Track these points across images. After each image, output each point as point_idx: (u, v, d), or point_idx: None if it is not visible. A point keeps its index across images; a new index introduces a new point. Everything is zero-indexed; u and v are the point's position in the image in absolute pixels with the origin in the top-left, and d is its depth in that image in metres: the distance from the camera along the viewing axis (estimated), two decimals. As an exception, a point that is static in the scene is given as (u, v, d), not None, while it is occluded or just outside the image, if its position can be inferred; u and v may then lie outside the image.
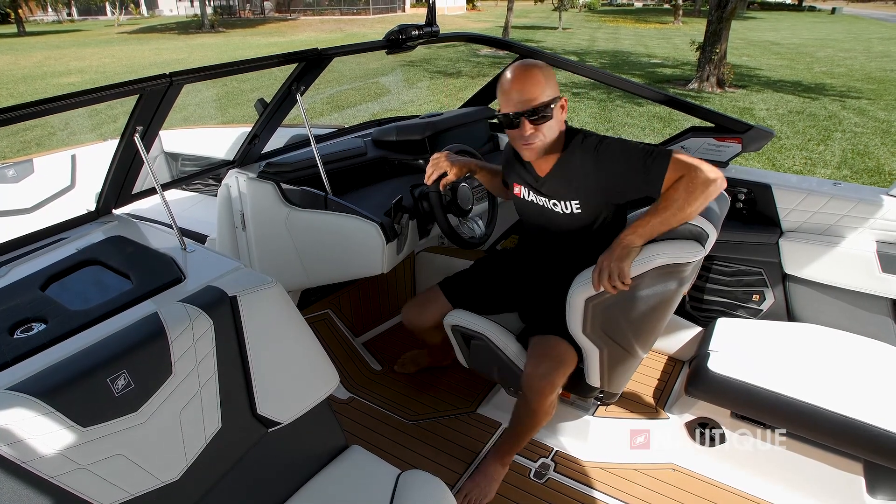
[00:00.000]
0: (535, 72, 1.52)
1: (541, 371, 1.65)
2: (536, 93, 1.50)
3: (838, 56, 16.88)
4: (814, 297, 2.08)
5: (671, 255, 1.45)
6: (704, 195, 1.42)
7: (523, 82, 1.51)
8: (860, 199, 1.94)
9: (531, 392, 1.67)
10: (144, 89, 1.38)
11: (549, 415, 1.73)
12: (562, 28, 25.04)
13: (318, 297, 2.53)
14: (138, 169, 1.63)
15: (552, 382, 1.65)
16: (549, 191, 1.67)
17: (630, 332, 1.60)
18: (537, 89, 1.50)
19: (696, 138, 2.23)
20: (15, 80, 13.64)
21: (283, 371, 1.32)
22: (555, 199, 1.67)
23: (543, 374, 1.65)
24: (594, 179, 1.57)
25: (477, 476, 1.82)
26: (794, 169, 6.49)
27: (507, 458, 1.84)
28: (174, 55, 18.06)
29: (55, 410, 0.97)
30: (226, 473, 1.22)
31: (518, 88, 1.51)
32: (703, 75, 11.10)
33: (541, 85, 1.50)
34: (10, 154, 7.58)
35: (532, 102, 1.50)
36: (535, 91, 1.50)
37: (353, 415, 2.14)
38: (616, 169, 1.54)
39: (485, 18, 33.28)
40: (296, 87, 1.88)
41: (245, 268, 1.39)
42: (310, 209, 1.97)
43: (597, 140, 1.58)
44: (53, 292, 1.28)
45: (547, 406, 1.69)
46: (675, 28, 26.64)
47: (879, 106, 9.90)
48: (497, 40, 2.60)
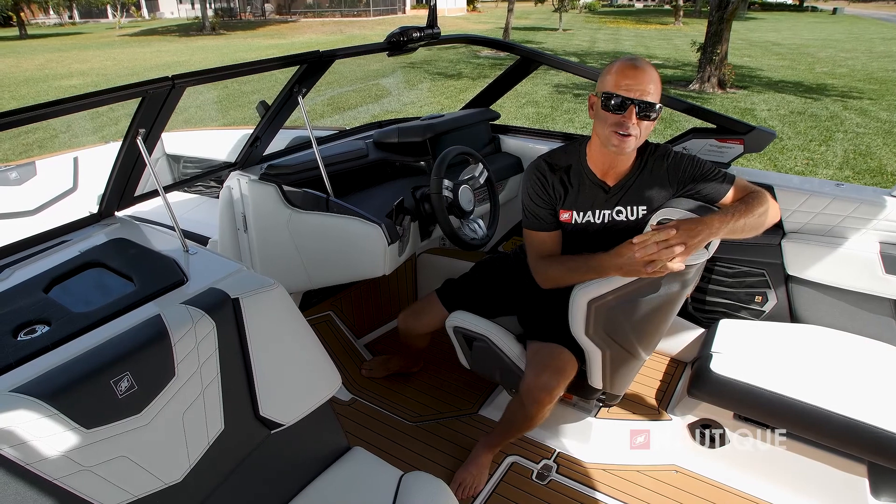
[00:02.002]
0: (654, 72, 1.45)
1: (541, 381, 1.65)
2: (652, 89, 1.43)
3: (840, 56, 16.87)
4: (816, 299, 2.07)
5: None
6: (769, 217, 1.51)
7: (645, 73, 1.43)
8: (862, 200, 1.93)
9: (529, 400, 1.67)
10: (147, 92, 1.39)
11: (545, 417, 1.74)
12: (562, 29, 25.05)
13: (320, 299, 2.53)
14: (140, 171, 1.63)
15: (552, 393, 1.65)
16: (619, 200, 1.60)
17: (633, 334, 1.60)
18: (654, 87, 1.43)
19: (697, 139, 2.23)
20: (17, 83, 13.67)
21: (286, 373, 1.32)
22: (622, 206, 1.61)
23: (544, 384, 1.64)
24: (666, 185, 1.60)
25: (469, 466, 1.85)
26: (796, 170, 6.49)
27: (496, 448, 1.89)
28: (175, 57, 18.10)
29: (59, 412, 0.97)
30: (228, 475, 1.22)
31: (638, 76, 1.42)
32: (703, 76, 11.10)
33: (656, 84, 1.44)
34: (12, 156, 7.60)
35: (646, 95, 1.42)
36: (652, 87, 1.43)
37: (354, 416, 2.14)
38: (694, 174, 1.58)
39: (485, 20, 33.31)
40: (297, 90, 1.89)
41: (247, 270, 1.39)
42: (311, 211, 1.97)
43: (665, 149, 1.62)
44: (56, 294, 1.29)
45: (544, 412, 1.71)
46: (675, 29, 26.66)
47: (881, 106, 9.89)
48: (498, 42, 2.60)
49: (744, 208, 1.47)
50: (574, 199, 1.62)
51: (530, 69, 2.59)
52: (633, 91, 1.42)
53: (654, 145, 1.63)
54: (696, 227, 1.40)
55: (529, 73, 2.63)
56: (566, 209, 1.63)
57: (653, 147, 1.62)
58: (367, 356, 2.49)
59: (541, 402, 1.65)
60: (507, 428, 1.82)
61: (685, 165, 1.59)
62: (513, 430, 1.81)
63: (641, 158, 1.60)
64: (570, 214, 1.63)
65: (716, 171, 1.59)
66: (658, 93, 1.45)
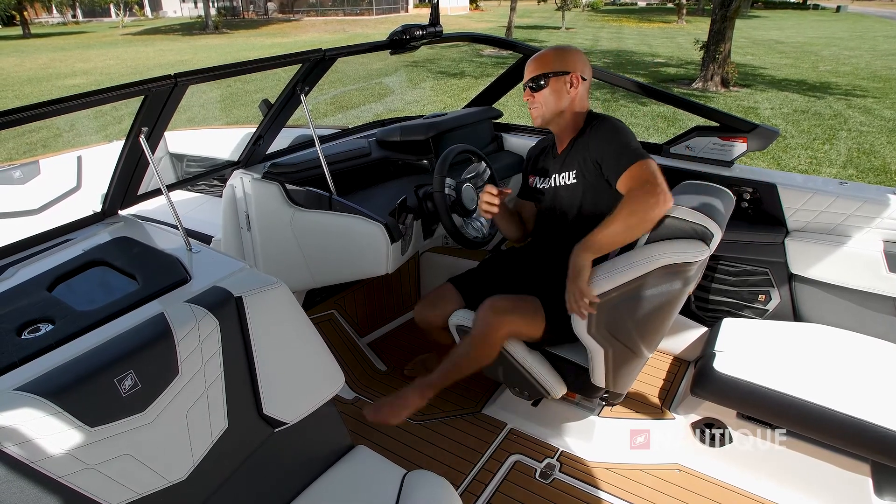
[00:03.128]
0: (549, 52, 1.80)
1: (499, 305, 1.71)
2: (537, 68, 1.77)
3: (843, 54, 16.81)
4: (820, 297, 2.07)
5: (676, 255, 1.45)
6: (643, 220, 1.50)
7: (531, 63, 1.80)
8: (866, 199, 1.93)
9: (480, 322, 1.71)
10: (150, 90, 1.39)
11: (487, 358, 1.74)
12: (565, 28, 25.01)
13: (323, 298, 2.54)
14: (144, 170, 1.63)
15: (505, 320, 1.69)
16: (558, 168, 1.84)
17: (635, 332, 1.60)
18: (540, 65, 1.77)
19: (700, 137, 2.22)
20: (21, 82, 13.71)
21: (289, 371, 1.32)
22: (558, 173, 1.84)
23: (502, 308, 1.70)
24: (590, 152, 1.73)
25: (395, 398, 1.83)
26: (800, 168, 6.47)
27: (429, 391, 1.82)
28: (178, 56, 18.13)
29: (63, 410, 0.97)
30: (232, 473, 1.22)
31: (527, 66, 1.80)
32: (707, 74, 11.07)
33: (546, 61, 1.77)
34: (16, 155, 7.62)
35: (531, 74, 1.78)
36: (537, 66, 1.78)
37: (358, 415, 2.14)
38: (602, 145, 1.69)
39: (488, 18, 33.28)
40: (300, 88, 1.89)
41: (250, 268, 1.39)
42: (314, 210, 1.97)
43: (604, 118, 1.76)
44: (60, 293, 1.29)
45: (488, 342, 1.71)
46: (678, 27, 26.58)
47: (885, 104, 9.86)
48: (500, 40, 2.60)
49: (610, 218, 1.52)
50: (536, 167, 1.99)
51: (533, 68, 2.59)
52: (527, 75, 1.80)
53: (600, 117, 1.78)
54: (569, 274, 1.53)
55: (532, 71, 2.63)
56: (532, 175, 1.99)
57: (599, 120, 1.77)
58: (370, 355, 2.49)
59: (490, 324, 1.69)
60: (446, 364, 1.80)
61: (603, 133, 1.70)
62: (451, 366, 1.80)
63: (584, 129, 1.79)
64: (533, 180, 1.98)
65: (624, 148, 1.63)
66: (555, 64, 1.76)
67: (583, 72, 1.78)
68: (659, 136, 7.66)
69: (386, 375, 2.40)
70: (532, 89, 1.78)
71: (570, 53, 1.78)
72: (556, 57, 1.77)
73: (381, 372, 2.42)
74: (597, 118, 1.78)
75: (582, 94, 1.79)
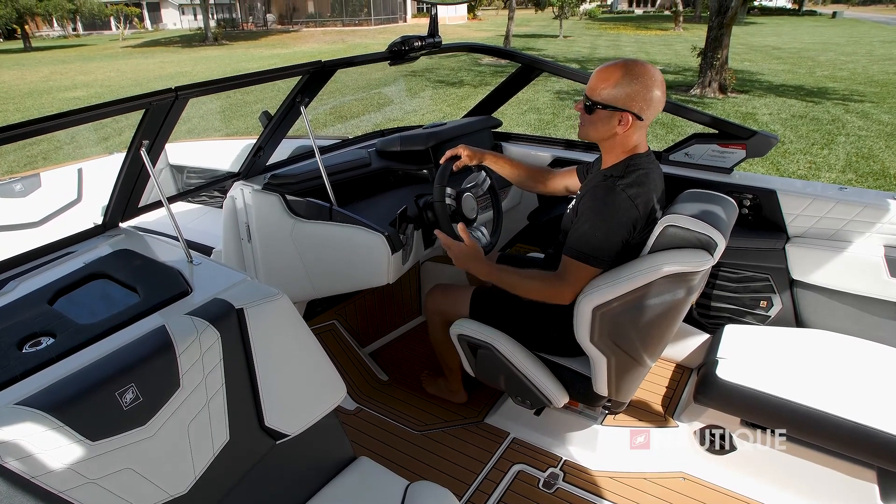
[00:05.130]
0: (614, 73, 1.52)
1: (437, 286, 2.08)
2: (592, 88, 1.55)
3: (840, 60, 16.89)
4: (822, 303, 2.06)
5: (679, 264, 1.44)
6: (538, 297, 1.65)
7: (598, 72, 1.56)
8: (866, 204, 1.93)
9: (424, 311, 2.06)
10: (150, 104, 1.39)
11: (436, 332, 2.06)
12: (563, 36, 25.15)
13: (324, 308, 2.53)
14: (144, 182, 1.64)
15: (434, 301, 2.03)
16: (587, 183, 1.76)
17: (638, 341, 1.59)
18: (595, 85, 1.54)
19: (699, 144, 2.23)
20: (22, 95, 13.78)
21: (291, 383, 1.32)
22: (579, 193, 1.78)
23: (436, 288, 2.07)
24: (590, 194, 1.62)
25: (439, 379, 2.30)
26: (799, 174, 6.48)
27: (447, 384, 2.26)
28: (178, 68, 18.22)
29: (64, 425, 0.97)
30: (234, 486, 1.21)
31: (594, 75, 1.56)
32: (704, 81, 11.12)
33: (606, 82, 1.52)
34: (17, 168, 7.64)
35: (588, 89, 1.57)
36: (593, 85, 1.55)
37: (360, 426, 2.13)
38: (580, 211, 1.61)
39: (486, 28, 33.46)
40: (300, 100, 1.89)
41: (251, 280, 1.39)
42: (315, 220, 1.98)
43: (608, 186, 1.56)
44: (61, 306, 1.29)
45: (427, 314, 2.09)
46: (676, 34, 26.72)
47: (883, 109, 9.89)
48: (499, 50, 2.61)
49: (522, 272, 1.67)
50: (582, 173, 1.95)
51: (531, 76, 2.60)
52: (588, 86, 1.58)
53: (617, 177, 1.58)
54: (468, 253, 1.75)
55: (531, 80, 2.64)
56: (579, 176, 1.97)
57: (618, 173, 1.58)
58: (371, 365, 2.48)
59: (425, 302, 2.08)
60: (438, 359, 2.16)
61: (591, 203, 1.57)
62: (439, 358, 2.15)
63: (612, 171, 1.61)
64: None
65: (581, 235, 1.55)
66: (614, 90, 1.51)
67: (641, 110, 1.52)
68: (658, 144, 7.67)
69: (388, 385, 2.39)
70: (586, 107, 1.58)
71: (633, 84, 1.50)
72: (616, 84, 1.51)
73: (382, 382, 2.41)
74: (633, 171, 1.57)
75: (631, 134, 1.57)
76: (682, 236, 1.48)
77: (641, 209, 1.54)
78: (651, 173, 1.59)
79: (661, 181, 1.67)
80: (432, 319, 2.08)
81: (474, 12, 44.00)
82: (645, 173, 1.57)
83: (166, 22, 43.59)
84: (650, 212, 1.57)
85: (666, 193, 1.72)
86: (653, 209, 1.58)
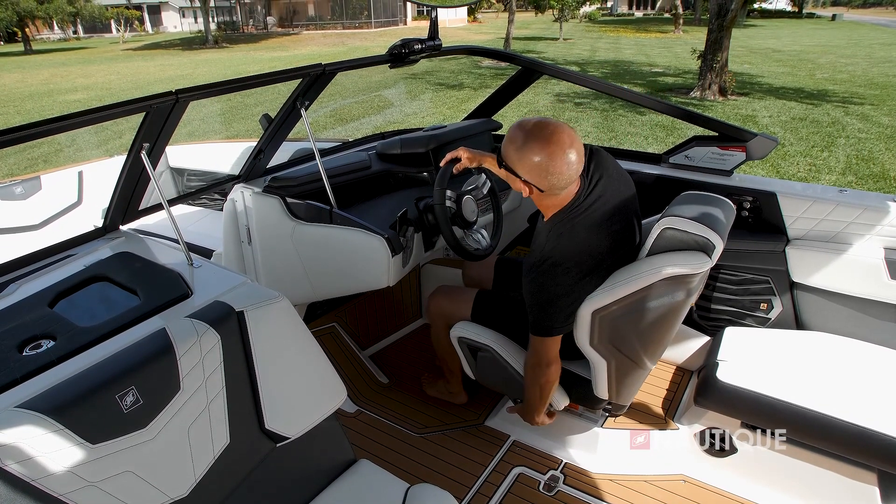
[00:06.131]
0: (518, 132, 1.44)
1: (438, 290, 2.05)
2: (504, 142, 1.48)
3: (840, 62, 16.90)
4: (822, 305, 2.06)
5: (678, 266, 1.44)
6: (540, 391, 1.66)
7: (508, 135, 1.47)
8: (866, 206, 1.93)
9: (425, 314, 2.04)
10: (151, 107, 1.39)
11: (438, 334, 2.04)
12: (563, 39, 25.17)
13: (325, 311, 2.53)
14: (145, 185, 1.64)
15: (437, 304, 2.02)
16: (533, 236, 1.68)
17: (638, 344, 1.59)
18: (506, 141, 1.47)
19: (699, 147, 2.23)
20: (22, 98, 13.80)
21: (291, 385, 1.32)
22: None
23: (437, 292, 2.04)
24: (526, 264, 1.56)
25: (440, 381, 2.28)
26: (799, 176, 6.48)
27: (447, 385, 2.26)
28: (179, 71, 18.25)
29: (64, 427, 0.97)
30: (234, 489, 1.21)
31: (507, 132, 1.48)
32: (704, 83, 11.13)
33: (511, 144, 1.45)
34: (17, 171, 7.64)
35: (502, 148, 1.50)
36: (505, 141, 1.48)
37: (360, 428, 2.13)
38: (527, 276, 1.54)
39: (486, 30, 33.52)
40: (300, 102, 1.89)
41: (251, 282, 1.39)
42: (315, 223, 1.98)
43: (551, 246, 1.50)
44: (62, 309, 1.29)
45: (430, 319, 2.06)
46: (675, 37, 26.74)
47: (883, 111, 9.89)
48: (499, 52, 2.62)
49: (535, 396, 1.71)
50: None
51: (532, 79, 2.61)
52: None
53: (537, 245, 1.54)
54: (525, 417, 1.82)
55: (531, 83, 2.64)
56: None
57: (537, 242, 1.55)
58: (372, 368, 2.48)
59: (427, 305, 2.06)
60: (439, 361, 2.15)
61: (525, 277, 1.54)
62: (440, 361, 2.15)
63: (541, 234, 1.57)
64: None
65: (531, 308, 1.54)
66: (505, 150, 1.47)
67: (538, 182, 1.42)
68: (658, 146, 7.69)
69: (388, 388, 2.39)
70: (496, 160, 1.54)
71: (528, 154, 1.40)
72: (517, 149, 1.43)
73: (383, 384, 2.41)
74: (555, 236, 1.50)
75: (542, 199, 1.51)
76: (681, 238, 1.48)
77: (574, 271, 1.48)
78: (585, 216, 1.49)
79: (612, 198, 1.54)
80: (435, 322, 2.07)
81: (474, 15, 44.09)
82: (573, 226, 1.49)
83: (167, 25, 43.69)
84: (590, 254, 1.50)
85: (666, 196, 1.72)
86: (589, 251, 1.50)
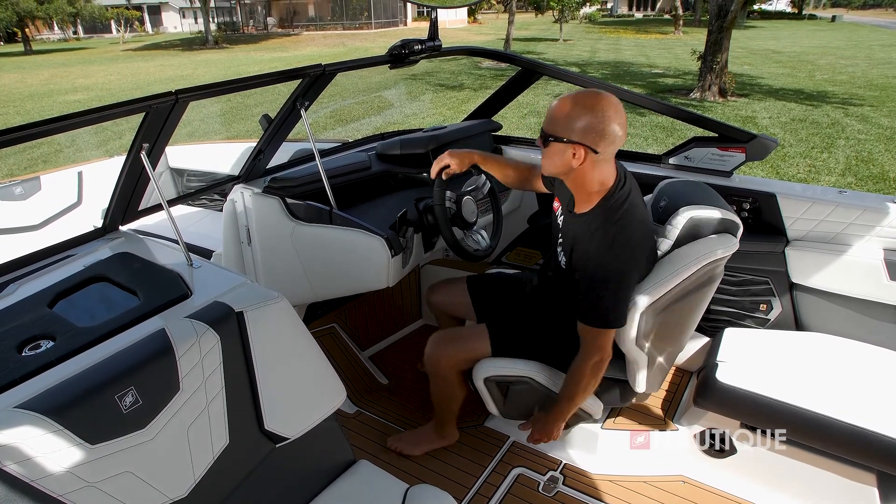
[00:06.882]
0: (569, 101, 1.43)
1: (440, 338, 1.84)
2: (551, 116, 1.47)
3: (840, 63, 16.92)
4: (821, 306, 2.06)
5: (719, 249, 1.55)
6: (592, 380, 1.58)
7: (556, 102, 1.47)
8: (866, 207, 1.93)
9: (427, 358, 1.83)
10: (150, 107, 1.39)
11: (451, 387, 1.85)
12: (563, 40, 25.17)
13: (324, 311, 2.53)
14: (144, 185, 1.64)
15: (444, 352, 1.80)
16: (567, 228, 1.61)
17: (677, 331, 1.67)
18: (555, 113, 1.46)
19: (699, 148, 2.23)
20: (22, 98, 13.80)
21: (291, 386, 1.32)
22: (563, 240, 1.63)
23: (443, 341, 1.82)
24: (585, 256, 1.51)
25: (415, 434, 2.03)
26: (799, 177, 6.48)
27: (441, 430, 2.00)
28: (179, 71, 18.25)
29: (63, 428, 0.97)
30: (233, 490, 1.21)
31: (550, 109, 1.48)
32: (704, 84, 11.14)
33: (561, 114, 1.44)
34: (17, 171, 7.64)
35: (545, 122, 1.49)
36: (552, 114, 1.46)
37: (360, 429, 2.13)
38: (591, 265, 1.49)
39: (486, 31, 33.53)
40: (300, 103, 1.90)
41: (251, 283, 1.39)
42: (315, 224, 1.98)
43: (620, 230, 1.46)
44: (61, 309, 1.29)
45: (440, 374, 1.82)
46: (675, 38, 26.75)
47: (882, 113, 9.90)
48: (499, 53, 2.62)
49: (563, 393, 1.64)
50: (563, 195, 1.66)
51: (531, 80, 2.61)
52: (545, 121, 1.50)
53: (618, 221, 1.47)
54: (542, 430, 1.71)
55: (531, 83, 2.65)
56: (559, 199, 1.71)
57: (617, 210, 1.48)
58: (371, 369, 2.48)
59: (431, 358, 1.81)
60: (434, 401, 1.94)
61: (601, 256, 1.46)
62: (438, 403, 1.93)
63: (594, 217, 1.51)
64: (558, 206, 1.72)
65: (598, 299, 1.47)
66: (555, 122, 1.45)
67: (594, 143, 1.41)
68: (658, 147, 7.69)
69: (388, 389, 2.39)
70: (541, 139, 1.51)
71: (586, 117, 1.40)
72: (569, 116, 1.42)
73: (382, 385, 2.41)
74: (615, 220, 1.47)
75: (589, 169, 1.47)
76: (708, 224, 1.58)
77: (640, 253, 1.49)
78: (633, 201, 1.51)
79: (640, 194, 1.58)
80: (441, 372, 1.84)
81: (474, 16, 44.10)
82: (627, 210, 1.48)
83: (167, 25, 43.70)
84: (646, 237, 1.53)
85: None
86: (645, 235, 1.52)
